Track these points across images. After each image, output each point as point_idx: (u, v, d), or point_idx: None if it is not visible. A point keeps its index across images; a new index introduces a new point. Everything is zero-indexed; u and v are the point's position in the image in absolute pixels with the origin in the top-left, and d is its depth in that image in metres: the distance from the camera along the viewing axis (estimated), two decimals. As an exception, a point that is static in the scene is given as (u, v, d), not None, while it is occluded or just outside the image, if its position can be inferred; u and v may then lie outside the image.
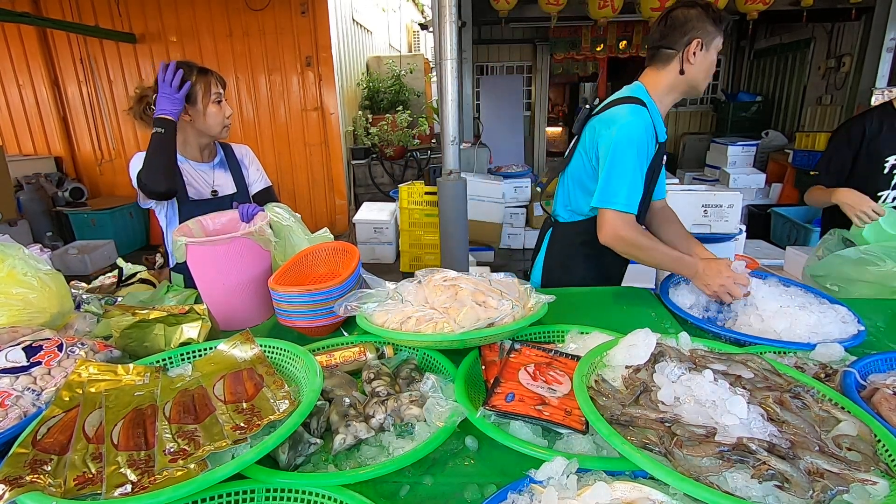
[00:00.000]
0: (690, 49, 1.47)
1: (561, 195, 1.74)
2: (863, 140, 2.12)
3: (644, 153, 1.47)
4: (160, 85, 1.55)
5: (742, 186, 5.72)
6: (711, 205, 3.06)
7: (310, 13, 5.69)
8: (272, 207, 1.61)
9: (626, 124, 1.45)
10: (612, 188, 1.46)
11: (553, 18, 4.85)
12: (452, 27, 2.67)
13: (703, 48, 1.47)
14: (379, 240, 5.33)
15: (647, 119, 1.47)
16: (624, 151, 1.45)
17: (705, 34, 1.46)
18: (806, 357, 1.09)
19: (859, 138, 2.13)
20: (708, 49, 1.48)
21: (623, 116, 1.47)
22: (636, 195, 1.46)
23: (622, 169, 1.45)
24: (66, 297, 1.27)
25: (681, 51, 1.48)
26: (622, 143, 1.45)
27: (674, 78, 1.52)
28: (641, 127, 1.46)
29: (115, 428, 0.82)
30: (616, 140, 1.45)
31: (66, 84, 6.02)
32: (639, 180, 1.47)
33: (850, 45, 5.80)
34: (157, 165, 1.53)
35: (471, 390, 0.98)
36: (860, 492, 0.66)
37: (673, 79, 1.52)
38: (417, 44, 11.13)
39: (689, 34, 1.46)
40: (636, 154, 1.45)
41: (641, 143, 1.46)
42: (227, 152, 1.85)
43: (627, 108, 1.48)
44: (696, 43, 1.46)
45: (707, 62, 1.50)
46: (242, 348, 1.07)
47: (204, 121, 1.67)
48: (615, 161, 1.46)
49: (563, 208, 1.73)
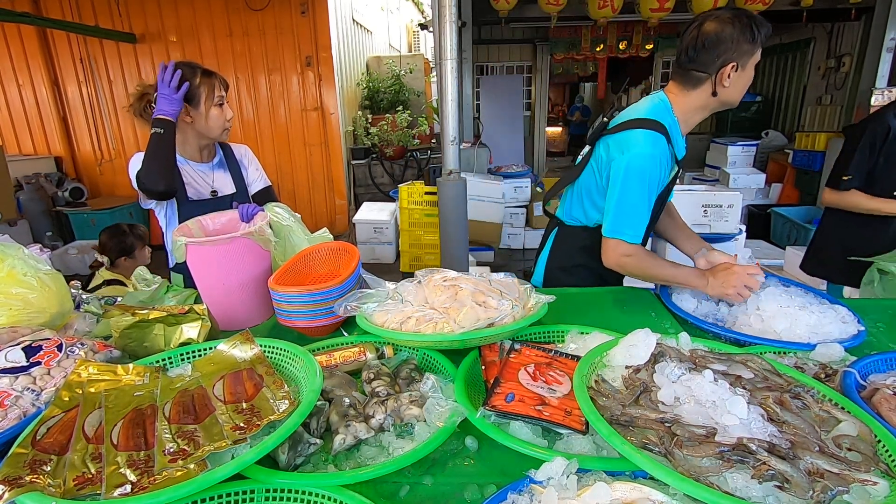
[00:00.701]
0: (725, 72, 1.34)
1: (569, 201, 1.72)
2: (886, 139, 2.11)
3: (655, 183, 1.42)
4: (159, 85, 1.55)
5: (742, 186, 5.72)
6: (711, 205, 3.06)
7: (310, 13, 5.69)
8: (272, 207, 1.61)
9: (638, 154, 1.39)
10: (620, 220, 1.42)
11: (553, 18, 4.86)
12: (452, 27, 2.67)
13: (739, 69, 1.35)
14: (379, 240, 5.33)
15: (662, 148, 1.40)
16: (634, 182, 1.40)
17: (741, 55, 1.33)
18: (806, 357, 1.09)
19: (883, 138, 2.12)
20: (744, 69, 1.36)
21: (637, 144, 1.40)
22: (642, 224, 1.43)
23: (631, 200, 1.41)
24: (65, 297, 1.27)
25: (713, 74, 1.36)
26: (633, 173, 1.39)
27: (705, 99, 1.42)
28: (655, 159, 1.39)
29: (115, 428, 0.82)
30: (627, 169, 1.40)
31: (66, 84, 6.02)
32: (646, 210, 1.43)
33: (850, 45, 5.81)
34: (155, 165, 1.53)
35: (471, 390, 0.98)
36: (860, 492, 0.66)
37: (704, 100, 1.42)
38: (417, 44, 11.13)
39: (723, 57, 1.33)
40: (647, 186, 1.40)
41: (653, 175, 1.40)
42: (227, 152, 1.85)
43: (643, 136, 1.40)
44: (730, 67, 1.34)
45: (743, 81, 1.38)
46: (242, 348, 1.07)
47: (205, 123, 1.67)
48: (624, 191, 1.41)
49: (569, 213, 1.72)
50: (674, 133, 1.45)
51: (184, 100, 1.59)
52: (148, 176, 1.53)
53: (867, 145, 2.15)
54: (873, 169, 2.16)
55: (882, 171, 2.15)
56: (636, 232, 1.42)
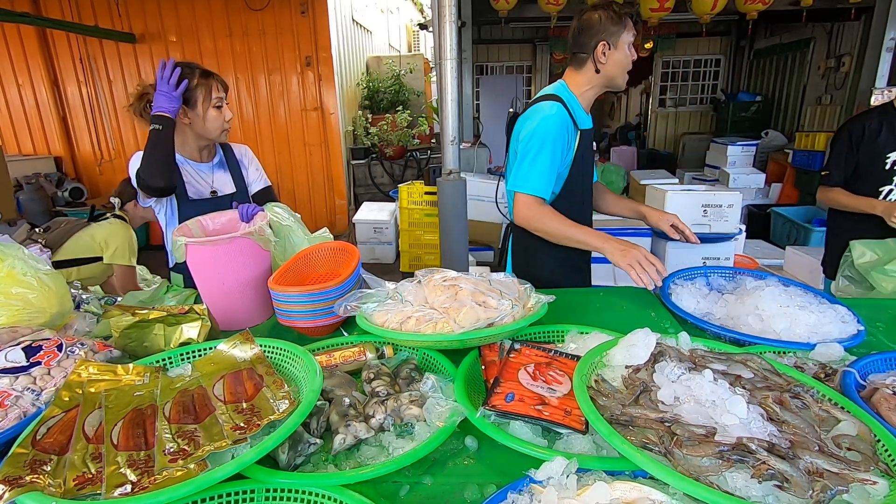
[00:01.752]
0: (598, 51, 1.60)
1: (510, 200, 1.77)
2: (863, 138, 2.22)
3: (559, 143, 1.60)
4: (158, 82, 1.55)
5: (742, 186, 5.72)
6: (711, 205, 3.06)
7: (309, 13, 5.69)
8: (272, 207, 1.61)
9: (542, 118, 1.59)
10: (523, 173, 1.60)
11: (553, 18, 4.86)
12: (452, 27, 2.67)
13: (611, 48, 1.59)
14: (379, 240, 5.33)
15: (562, 114, 1.60)
16: (537, 141, 1.58)
17: (609, 35, 1.58)
18: (805, 357, 1.09)
19: (860, 137, 2.22)
20: (616, 47, 1.60)
21: (540, 111, 1.61)
22: (547, 181, 1.60)
23: (534, 156, 1.59)
24: (65, 296, 1.27)
25: (590, 54, 1.61)
26: (537, 133, 1.59)
27: (591, 76, 1.65)
28: (555, 120, 1.58)
29: (115, 428, 0.82)
30: (532, 131, 1.60)
31: (66, 84, 6.02)
32: (549, 168, 1.59)
33: (850, 44, 5.81)
34: (154, 162, 1.53)
35: (470, 390, 0.98)
36: (860, 492, 0.66)
37: (591, 77, 1.65)
38: (417, 44, 11.14)
39: (595, 38, 1.59)
40: (550, 144, 1.57)
41: (556, 135, 1.58)
42: (227, 152, 1.85)
43: (545, 104, 1.61)
44: (602, 45, 1.59)
45: (618, 59, 1.61)
46: (242, 348, 1.07)
47: (203, 125, 1.66)
48: (528, 149, 1.60)
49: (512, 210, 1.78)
50: (571, 105, 1.66)
51: (182, 100, 1.58)
52: (147, 172, 1.53)
53: (844, 144, 2.27)
54: (857, 167, 2.26)
55: (865, 170, 2.25)
56: (539, 185, 1.59)
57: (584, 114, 1.71)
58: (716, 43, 8.19)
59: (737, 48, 8.07)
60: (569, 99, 1.66)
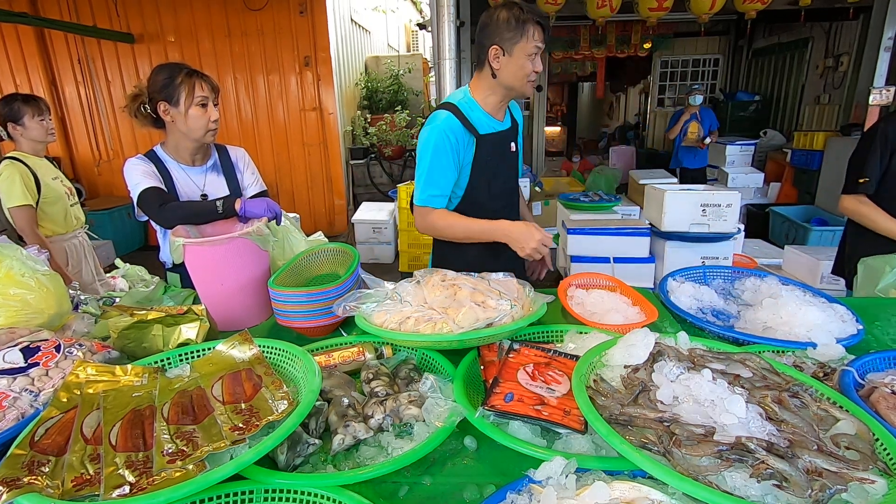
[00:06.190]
0: (490, 54, 1.49)
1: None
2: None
3: (445, 151, 1.53)
4: (269, 203, 1.53)
5: (740, 186, 5.72)
6: (710, 204, 3.05)
7: (308, 13, 5.69)
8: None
9: (425, 129, 1.56)
10: (419, 187, 1.58)
11: (551, 18, 4.86)
12: (451, 27, 2.67)
13: (505, 54, 1.47)
14: (378, 240, 5.33)
15: (449, 122, 1.52)
16: (420, 152, 1.57)
17: (503, 41, 1.46)
18: (804, 356, 1.09)
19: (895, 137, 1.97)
20: (511, 54, 1.47)
21: (428, 122, 1.57)
22: (437, 187, 1.56)
23: (420, 168, 1.57)
24: (63, 297, 1.27)
25: (485, 57, 1.51)
26: (420, 145, 1.57)
27: (490, 81, 1.55)
28: (438, 130, 1.52)
29: (114, 429, 0.81)
30: (419, 143, 1.58)
31: (64, 84, 6.01)
32: (440, 175, 1.54)
33: (849, 44, 5.82)
34: (182, 218, 1.51)
35: (469, 390, 0.98)
36: (858, 490, 0.66)
37: (490, 82, 1.55)
38: (416, 43, 11.13)
39: (488, 42, 1.48)
40: (430, 154, 1.53)
41: (438, 144, 1.52)
42: (222, 155, 1.83)
43: (435, 114, 1.58)
44: (493, 50, 1.48)
45: (514, 67, 1.48)
46: (241, 349, 1.06)
47: (185, 122, 1.62)
48: (417, 161, 1.59)
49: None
50: (465, 109, 1.56)
51: (164, 97, 1.59)
52: (171, 218, 1.52)
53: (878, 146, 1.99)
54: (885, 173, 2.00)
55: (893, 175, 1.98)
56: (422, 195, 1.57)
57: (489, 118, 1.60)
58: (714, 42, 8.20)
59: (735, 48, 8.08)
60: (467, 104, 1.57)
